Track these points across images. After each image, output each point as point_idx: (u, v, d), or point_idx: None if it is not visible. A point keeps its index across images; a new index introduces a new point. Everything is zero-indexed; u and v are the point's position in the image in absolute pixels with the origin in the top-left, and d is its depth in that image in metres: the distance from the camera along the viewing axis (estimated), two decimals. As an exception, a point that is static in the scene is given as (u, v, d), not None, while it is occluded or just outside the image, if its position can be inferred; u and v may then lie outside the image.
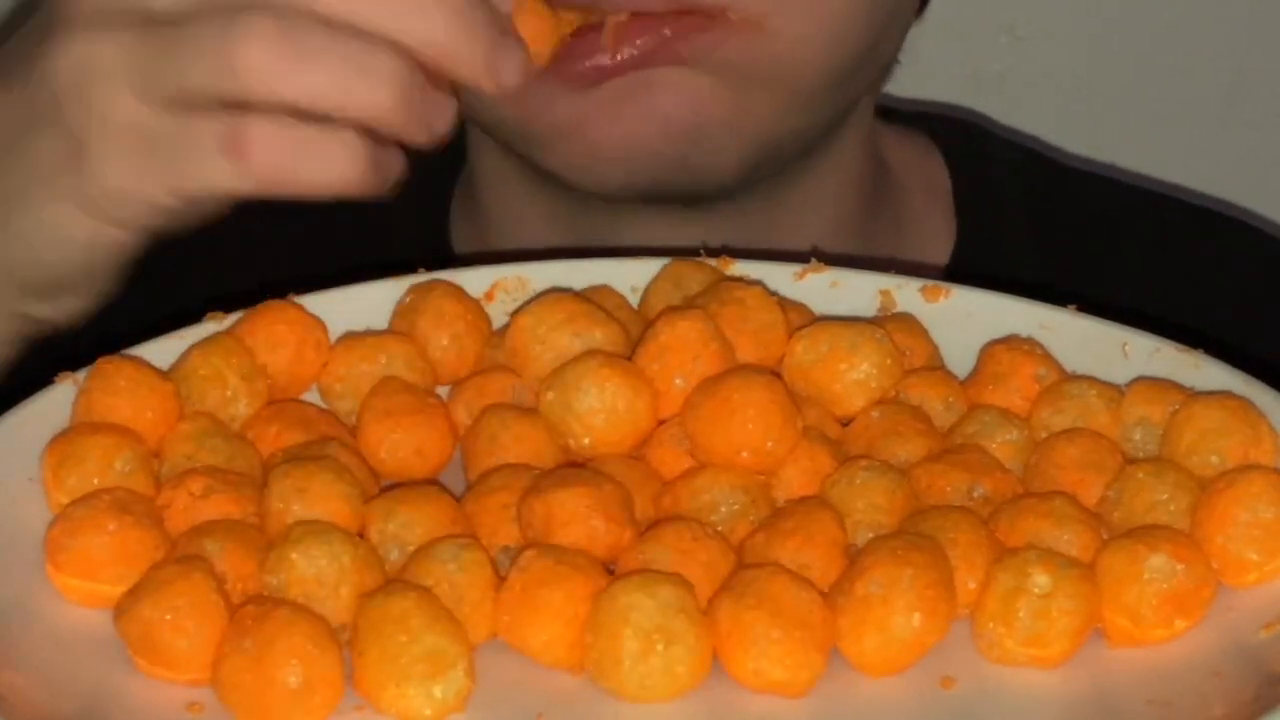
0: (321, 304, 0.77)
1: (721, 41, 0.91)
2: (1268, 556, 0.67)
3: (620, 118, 0.92)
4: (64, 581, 0.66)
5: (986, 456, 0.71)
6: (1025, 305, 0.78)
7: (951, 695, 0.64)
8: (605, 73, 0.91)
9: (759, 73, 0.92)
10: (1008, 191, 1.09)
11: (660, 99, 0.92)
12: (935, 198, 1.08)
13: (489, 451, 0.72)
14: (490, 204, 1.07)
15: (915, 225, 1.07)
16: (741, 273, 0.79)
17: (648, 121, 0.92)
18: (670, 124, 0.92)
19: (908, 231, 1.07)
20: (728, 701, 0.63)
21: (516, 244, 1.05)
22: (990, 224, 1.07)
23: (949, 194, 1.08)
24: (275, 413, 0.74)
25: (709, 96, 0.92)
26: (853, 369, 0.74)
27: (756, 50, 0.92)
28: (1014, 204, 1.08)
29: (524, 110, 0.93)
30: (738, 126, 0.93)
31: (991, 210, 1.08)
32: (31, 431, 0.71)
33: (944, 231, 1.07)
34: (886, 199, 1.06)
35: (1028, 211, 1.08)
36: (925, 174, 1.09)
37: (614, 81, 0.91)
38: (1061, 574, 0.64)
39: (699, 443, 0.71)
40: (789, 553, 0.66)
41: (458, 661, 0.62)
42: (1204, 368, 0.74)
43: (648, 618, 0.62)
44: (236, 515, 0.68)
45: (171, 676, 0.63)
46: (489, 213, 1.07)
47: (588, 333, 0.74)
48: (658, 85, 0.92)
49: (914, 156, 1.09)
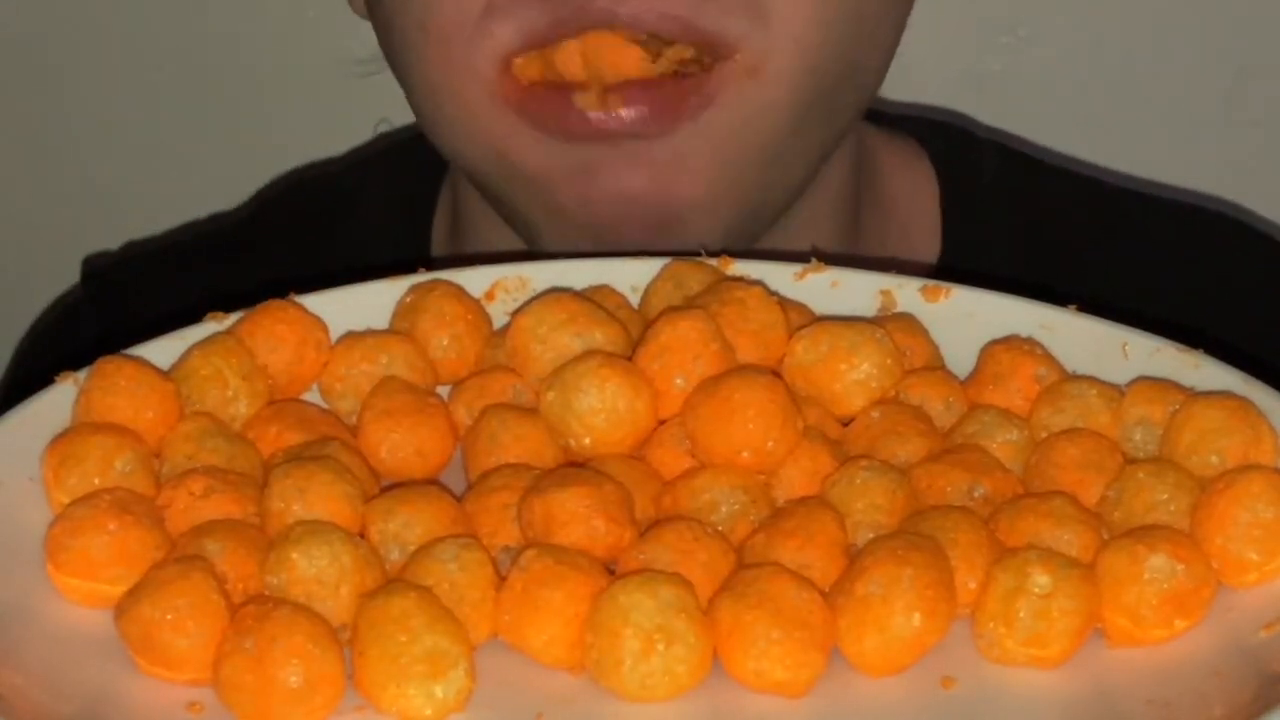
0: (322, 304, 0.77)
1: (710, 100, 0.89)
2: (1268, 556, 0.67)
3: (592, 188, 0.89)
4: (64, 581, 0.67)
5: (987, 456, 0.72)
6: (1025, 305, 0.78)
7: (951, 695, 0.64)
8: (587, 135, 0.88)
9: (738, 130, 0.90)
10: (994, 195, 1.09)
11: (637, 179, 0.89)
12: (923, 204, 1.08)
13: (489, 451, 0.72)
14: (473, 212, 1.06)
15: (901, 231, 1.07)
16: (741, 273, 0.79)
17: (621, 202, 0.89)
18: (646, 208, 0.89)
19: (894, 237, 1.07)
20: (728, 701, 0.63)
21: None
22: (977, 229, 1.07)
23: (936, 200, 1.08)
24: (276, 413, 0.74)
25: (690, 176, 0.89)
26: (853, 369, 0.74)
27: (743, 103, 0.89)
28: (1000, 207, 1.08)
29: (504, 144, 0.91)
30: (717, 205, 0.91)
31: (978, 215, 1.08)
32: (32, 431, 0.71)
33: (930, 236, 1.07)
34: (873, 207, 1.06)
35: (1013, 214, 1.08)
36: (913, 180, 1.08)
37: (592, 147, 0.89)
38: (1062, 574, 0.64)
39: (699, 443, 0.71)
40: (789, 553, 0.66)
41: (458, 661, 0.62)
42: (1204, 368, 0.74)
43: (648, 617, 0.62)
44: (237, 515, 0.68)
45: (172, 676, 0.63)
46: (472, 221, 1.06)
47: (588, 333, 0.74)
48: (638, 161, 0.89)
49: (902, 162, 1.09)
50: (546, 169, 0.90)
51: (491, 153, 0.92)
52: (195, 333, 0.76)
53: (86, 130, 1.41)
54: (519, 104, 0.90)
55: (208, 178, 1.38)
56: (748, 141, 0.90)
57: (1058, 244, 1.08)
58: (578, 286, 0.79)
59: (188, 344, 0.75)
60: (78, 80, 1.40)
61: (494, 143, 0.91)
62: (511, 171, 0.92)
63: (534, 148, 0.90)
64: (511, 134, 0.90)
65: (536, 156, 0.90)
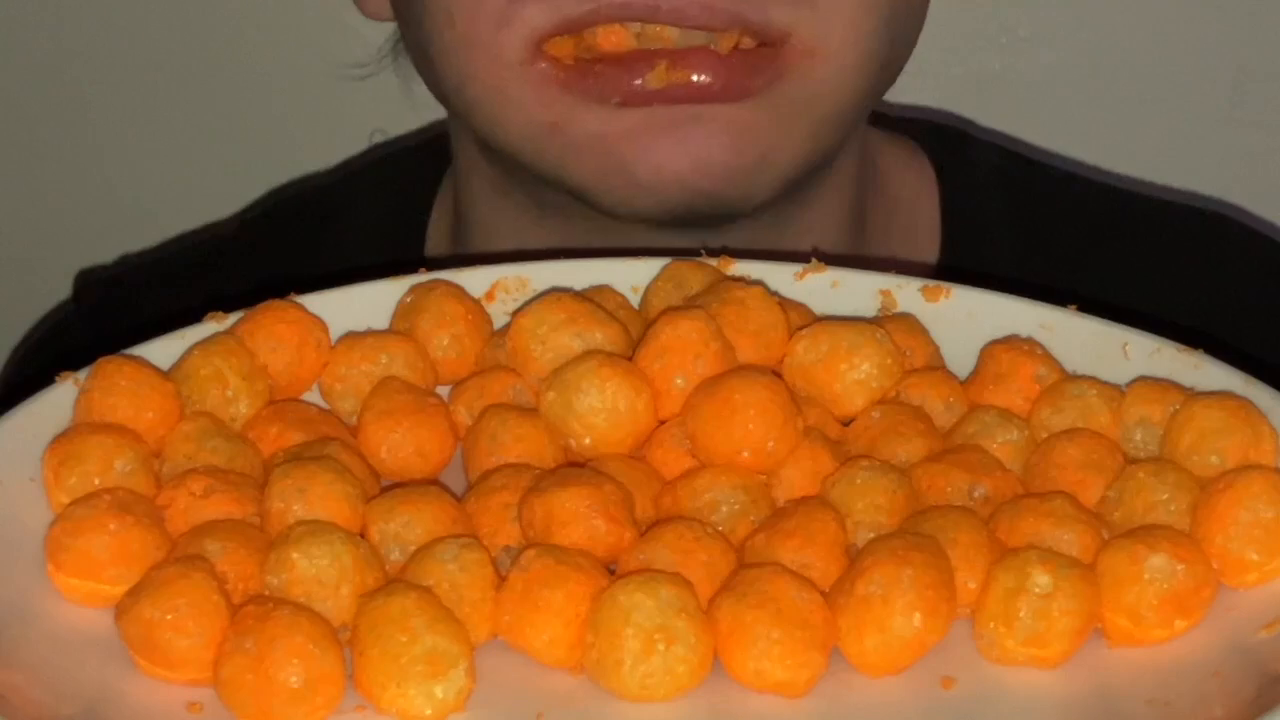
0: (322, 304, 0.77)
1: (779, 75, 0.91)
2: (1268, 556, 0.67)
3: (655, 148, 0.91)
4: (65, 581, 0.67)
5: (987, 456, 0.72)
6: (1025, 305, 0.78)
7: (951, 695, 0.64)
8: (651, 98, 0.90)
9: (805, 103, 0.92)
10: (992, 196, 1.10)
11: (701, 138, 0.91)
12: (923, 204, 1.09)
13: (489, 451, 0.72)
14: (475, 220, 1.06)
15: (905, 231, 1.08)
16: (742, 273, 0.79)
17: (684, 158, 0.91)
18: (709, 164, 0.91)
19: (895, 236, 1.08)
20: (728, 701, 0.63)
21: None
22: (975, 229, 1.08)
23: (936, 201, 1.09)
24: (276, 413, 0.74)
25: (749, 136, 0.91)
26: (853, 369, 0.74)
27: (808, 80, 0.92)
28: (998, 208, 1.09)
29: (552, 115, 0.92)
30: (771, 162, 0.93)
31: (976, 216, 1.09)
32: (32, 431, 0.71)
33: (930, 236, 1.08)
34: (877, 206, 1.07)
35: (1011, 215, 1.09)
36: (914, 181, 1.10)
37: (657, 109, 0.90)
38: (1062, 574, 0.64)
39: (699, 443, 0.71)
40: (790, 553, 0.66)
41: (458, 661, 0.62)
42: (1204, 368, 0.74)
43: (649, 618, 0.62)
44: (237, 515, 0.68)
45: (172, 676, 0.63)
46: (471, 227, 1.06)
47: (588, 333, 0.74)
48: (702, 122, 0.90)
49: (903, 163, 1.10)
50: (603, 135, 0.91)
51: (539, 129, 0.92)
52: (195, 333, 0.76)
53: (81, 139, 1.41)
54: (564, 82, 0.91)
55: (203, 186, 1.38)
56: (810, 115, 0.93)
57: (1055, 243, 1.09)
58: (578, 286, 0.79)
59: (188, 344, 0.75)
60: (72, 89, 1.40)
61: (540, 118, 0.92)
62: (565, 141, 0.92)
63: (587, 116, 0.91)
64: (558, 107, 0.91)
65: (592, 123, 0.91)
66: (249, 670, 0.61)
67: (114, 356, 0.74)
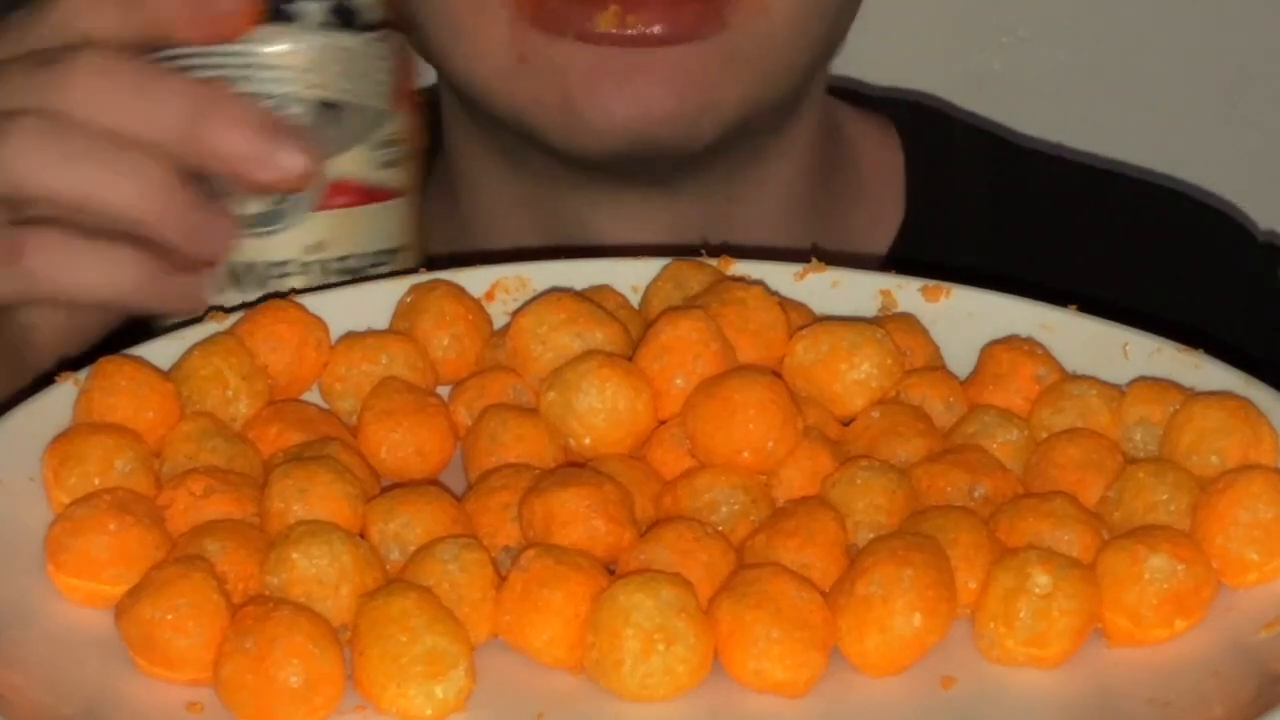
0: (322, 304, 0.77)
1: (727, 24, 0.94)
2: (1268, 556, 0.67)
3: (604, 92, 0.95)
4: (65, 581, 0.66)
5: (987, 456, 0.72)
6: (1025, 305, 0.78)
7: (951, 695, 0.64)
8: (602, 39, 0.94)
9: (752, 50, 0.96)
10: (961, 170, 1.12)
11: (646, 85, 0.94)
12: (888, 172, 1.12)
13: (489, 451, 0.72)
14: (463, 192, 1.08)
15: (866, 199, 1.11)
16: (742, 273, 0.79)
17: (632, 104, 0.95)
18: (653, 112, 0.94)
19: (859, 205, 1.11)
20: (728, 701, 0.63)
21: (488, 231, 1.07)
22: (941, 200, 1.11)
23: (901, 170, 1.12)
24: (276, 413, 0.74)
25: (694, 81, 0.95)
26: (853, 369, 0.74)
27: (756, 28, 0.95)
28: (967, 182, 1.12)
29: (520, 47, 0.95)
30: (714, 104, 0.96)
31: (943, 187, 1.11)
32: (32, 431, 0.71)
33: (894, 205, 1.11)
34: (839, 172, 1.10)
35: (982, 190, 1.12)
36: (879, 150, 1.13)
37: (609, 51, 0.94)
38: (1062, 574, 0.64)
39: (699, 443, 0.71)
40: (790, 553, 0.66)
41: (458, 661, 0.62)
42: (1204, 368, 0.74)
43: (648, 618, 0.62)
44: (237, 515, 0.68)
45: (172, 676, 0.63)
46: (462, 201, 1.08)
47: (588, 333, 0.74)
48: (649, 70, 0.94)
49: (870, 134, 1.13)
50: (564, 68, 0.95)
51: (509, 60, 0.96)
52: (195, 333, 0.76)
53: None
54: (533, 15, 0.95)
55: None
56: (757, 63, 0.96)
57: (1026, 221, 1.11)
58: (578, 286, 0.79)
59: (188, 344, 0.75)
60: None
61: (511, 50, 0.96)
62: (531, 75, 0.96)
63: (550, 49, 0.95)
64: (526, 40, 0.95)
65: (557, 57, 0.95)
66: (249, 670, 0.61)
67: (114, 356, 0.74)
